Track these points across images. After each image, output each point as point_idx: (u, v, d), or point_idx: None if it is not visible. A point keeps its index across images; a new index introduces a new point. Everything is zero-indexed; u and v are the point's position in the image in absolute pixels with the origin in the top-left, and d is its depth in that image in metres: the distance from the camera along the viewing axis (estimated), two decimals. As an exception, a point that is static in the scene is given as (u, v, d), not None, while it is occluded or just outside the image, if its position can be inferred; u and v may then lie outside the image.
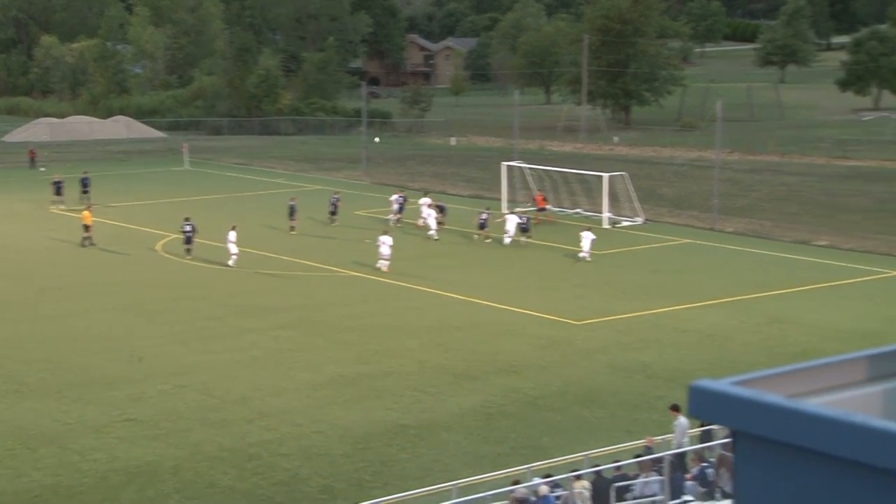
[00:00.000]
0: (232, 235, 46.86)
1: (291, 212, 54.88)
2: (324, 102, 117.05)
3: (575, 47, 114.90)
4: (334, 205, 57.27)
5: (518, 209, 55.87)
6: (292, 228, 54.26)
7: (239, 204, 64.51)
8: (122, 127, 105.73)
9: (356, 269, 46.48)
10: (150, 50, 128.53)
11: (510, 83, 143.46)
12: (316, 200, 61.94)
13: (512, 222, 51.49)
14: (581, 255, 47.69)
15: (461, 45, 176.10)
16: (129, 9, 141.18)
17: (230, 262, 46.58)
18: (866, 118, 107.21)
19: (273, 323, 38.44)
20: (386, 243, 45.54)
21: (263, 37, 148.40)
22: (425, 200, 55.28)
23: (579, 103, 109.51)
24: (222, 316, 39.45)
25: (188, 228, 48.82)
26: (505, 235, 51.07)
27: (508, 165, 62.09)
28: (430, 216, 53.47)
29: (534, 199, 58.22)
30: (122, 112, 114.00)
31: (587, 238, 47.81)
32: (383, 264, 45.37)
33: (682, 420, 24.33)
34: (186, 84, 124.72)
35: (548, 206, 57.72)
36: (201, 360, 34.22)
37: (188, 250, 48.67)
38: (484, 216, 52.56)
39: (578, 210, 59.56)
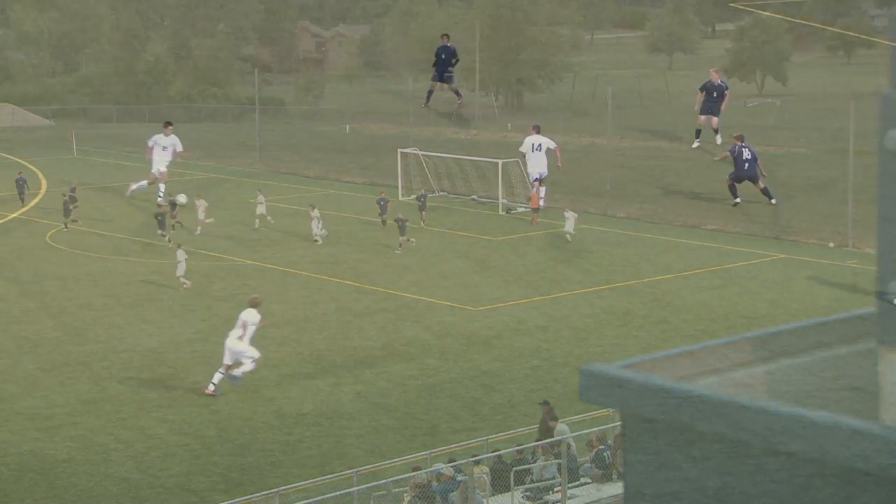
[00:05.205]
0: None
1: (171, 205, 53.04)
2: (215, 89, 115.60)
3: (467, 34, 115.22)
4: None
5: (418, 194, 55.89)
6: (74, 221, 51.53)
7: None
8: (5, 114, 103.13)
9: (254, 259, 46.16)
10: (34, 35, 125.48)
11: (404, 70, 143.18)
12: (205, 190, 61.07)
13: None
14: (568, 235, 47.88)
15: (353, 31, 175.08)
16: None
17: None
18: (751, 104, 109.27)
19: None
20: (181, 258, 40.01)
21: (151, 22, 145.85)
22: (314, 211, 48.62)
23: (472, 90, 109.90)
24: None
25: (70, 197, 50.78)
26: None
27: (404, 153, 62.18)
28: (315, 218, 47.97)
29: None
30: (6, 99, 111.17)
31: (570, 217, 47.95)
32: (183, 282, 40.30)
33: (562, 426, 24.26)
34: (72, 70, 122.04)
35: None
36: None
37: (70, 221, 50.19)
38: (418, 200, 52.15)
39: (474, 196, 59.99)
